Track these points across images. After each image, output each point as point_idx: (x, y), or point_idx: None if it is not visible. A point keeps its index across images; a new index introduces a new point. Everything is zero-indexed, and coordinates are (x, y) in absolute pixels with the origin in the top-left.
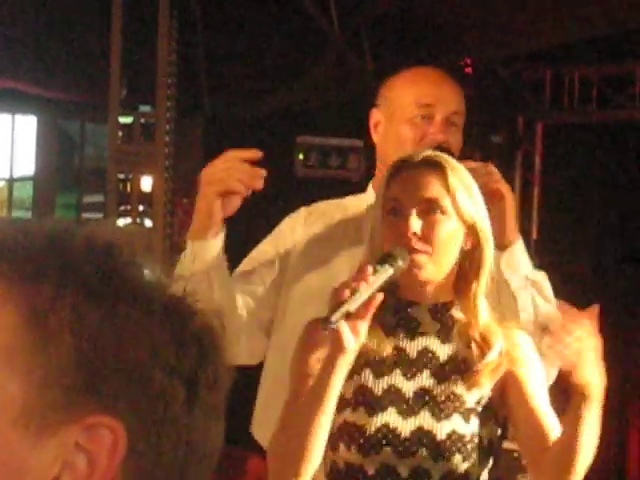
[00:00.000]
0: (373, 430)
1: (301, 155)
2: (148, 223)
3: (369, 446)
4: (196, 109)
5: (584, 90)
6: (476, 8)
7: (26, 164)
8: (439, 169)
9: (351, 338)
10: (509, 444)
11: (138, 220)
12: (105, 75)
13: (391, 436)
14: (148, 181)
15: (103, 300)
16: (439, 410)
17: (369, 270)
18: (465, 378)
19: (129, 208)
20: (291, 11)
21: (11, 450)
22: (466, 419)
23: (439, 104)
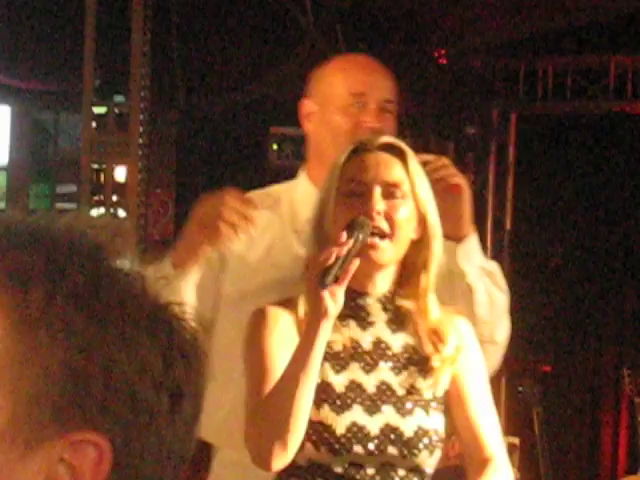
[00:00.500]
0: (343, 430)
1: (275, 145)
2: (122, 213)
3: (340, 446)
4: (170, 100)
5: (558, 81)
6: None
7: None
8: (400, 154)
9: (332, 303)
10: None
11: (112, 210)
12: (79, 65)
13: (361, 435)
14: (122, 171)
15: (93, 311)
16: (401, 404)
17: (344, 237)
18: (422, 372)
19: (103, 198)
20: (265, 2)
21: None
22: (427, 412)
23: (372, 92)
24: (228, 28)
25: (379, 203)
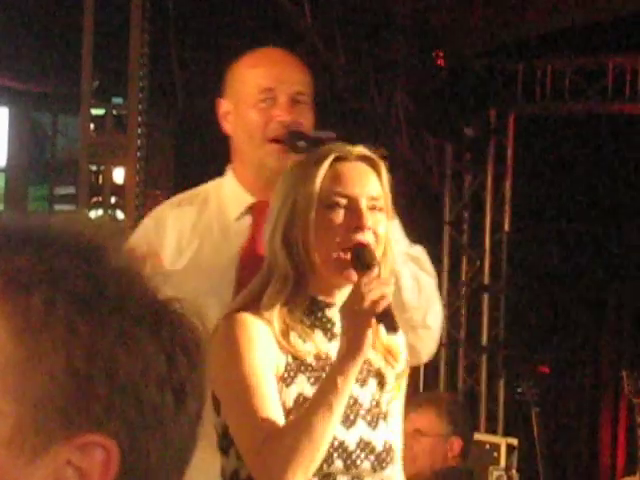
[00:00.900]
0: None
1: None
2: (120, 215)
3: (322, 461)
4: (169, 101)
5: (556, 82)
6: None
7: None
8: (375, 166)
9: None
10: (480, 436)
11: (110, 212)
12: (77, 67)
13: (341, 450)
14: (120, 173)
15: (95, 313)
16: (370, 418)
17: (375, 272)
18: (380, 384)
19: (101, 200)
20: (264, 4)
21: (4, 470)
22: (388, 425)
23: (281, 85)
24: (227, 29)
25: (369, 219)
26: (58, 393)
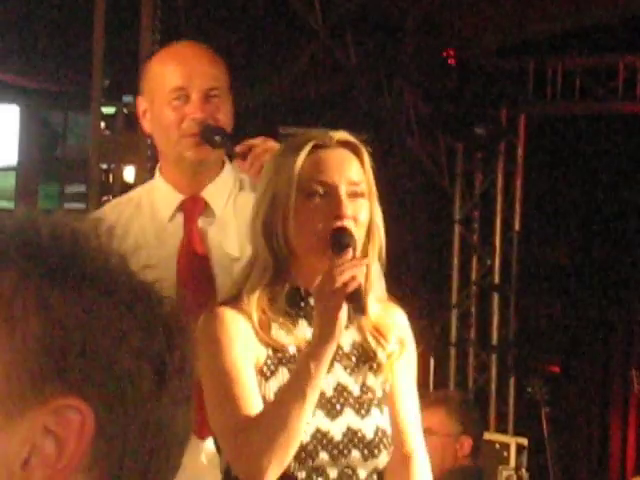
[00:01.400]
0: (309, 437)
1: None
2: None
3: (306, 454)
4: None
5: (567, 82)
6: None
7: (9, 154)
8: (357, 151)
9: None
10: (490, 435)
11: None
12: (88, 65)
13: (325, 441)
14: (131, 171)
15: (68, 286)
16: (359, 406)
17: (349, 254)
18: (372, 369)
19: (111, 198)
20: (275, 4)
21: None
22: (381, 411)
23: (192, 83)
24: (237, 28)
25: (348, 207)
26: (31, 360)
